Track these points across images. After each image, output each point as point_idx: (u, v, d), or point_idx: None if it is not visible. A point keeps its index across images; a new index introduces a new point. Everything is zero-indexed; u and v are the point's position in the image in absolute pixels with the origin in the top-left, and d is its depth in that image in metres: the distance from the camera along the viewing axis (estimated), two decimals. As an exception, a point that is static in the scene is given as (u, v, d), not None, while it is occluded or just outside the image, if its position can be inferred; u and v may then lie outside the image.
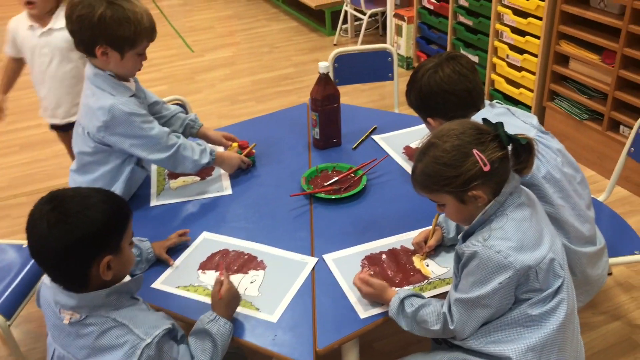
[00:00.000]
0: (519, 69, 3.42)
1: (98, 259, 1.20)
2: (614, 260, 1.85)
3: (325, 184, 1.93)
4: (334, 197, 1.87)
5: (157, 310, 1.35)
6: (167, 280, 1.59)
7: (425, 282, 1.54)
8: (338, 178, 1.95)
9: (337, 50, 2.73)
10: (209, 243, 1.72)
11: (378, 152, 2.13)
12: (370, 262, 1.61)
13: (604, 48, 2.89)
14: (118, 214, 1.25)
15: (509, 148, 1.32)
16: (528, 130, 1.58)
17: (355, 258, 1.63)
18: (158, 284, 1.57)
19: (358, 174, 1.97)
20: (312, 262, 1.62)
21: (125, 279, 1.32)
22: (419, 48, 4.42)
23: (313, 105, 2.10)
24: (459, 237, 1.43)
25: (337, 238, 1.71)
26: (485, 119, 1.35)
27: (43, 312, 1.34)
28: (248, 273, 1.59)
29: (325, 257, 1.63)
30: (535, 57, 3.26)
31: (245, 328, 1.44)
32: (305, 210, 1.84)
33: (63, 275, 1.23)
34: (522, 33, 3.32)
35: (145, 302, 1.34)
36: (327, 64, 2.05)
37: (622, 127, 2.93)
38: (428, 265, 1.59)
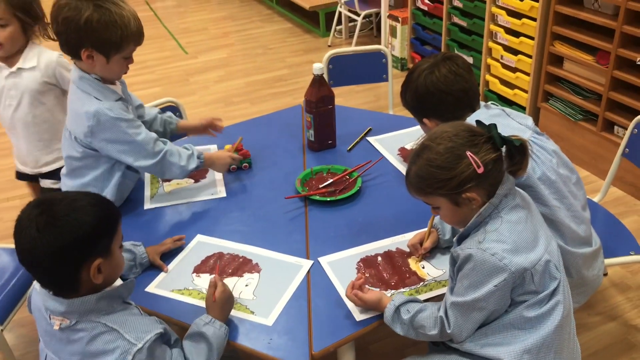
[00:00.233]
0: (514, 70, 3.42)
1: (88, 263, 1.19)
2: (610, 261, 1.85)
3: (320, 186, 1.92)
4: (329, 199, 1.86)
5: (151, 315, 1.33)
6: (161, 284, 1.58)
7: (421, 284, 1.53)
8: (333, 180, 1.94)
9: (331, 52, 2.73)
10: (203, 246, 1.71)
11: (373, 153, 2.12)
12: (366, 264, 1.60)
13: (598, 49, 2.89)
14: (107, 217, 1.24)
15: (503, 150, 1.31)
16: (523, 132, 1.58)
17: (351, 260, 1.62)
18: (152, 288, 1.56)
19: (353, 176, 1.96)
20: (307, 264, 1.61)
21: (116, 283, 1.31)
22: (414, 49, 4.42)
23: (307, 107, 2.09)
24: (454, 239, 1.42)
25: (332, 240, 1.70)
26: (479, 121, 1.34)
27: (34, 317, 1.32)
28: (243, 276, 1.58)
29: (321, 259, 1.63)
30: (530, 57, 3.26)
31: (241, 332, 1.43)
32: (300, 213, 1.83)
33: (53, 280, 1.22)
34: (516, 34, 3.32)
35: (138, 306, 1.33)
36: (321, 66, 2.04)
37: (616, 127, 2.94)
38: (424, 268, 1.59)
